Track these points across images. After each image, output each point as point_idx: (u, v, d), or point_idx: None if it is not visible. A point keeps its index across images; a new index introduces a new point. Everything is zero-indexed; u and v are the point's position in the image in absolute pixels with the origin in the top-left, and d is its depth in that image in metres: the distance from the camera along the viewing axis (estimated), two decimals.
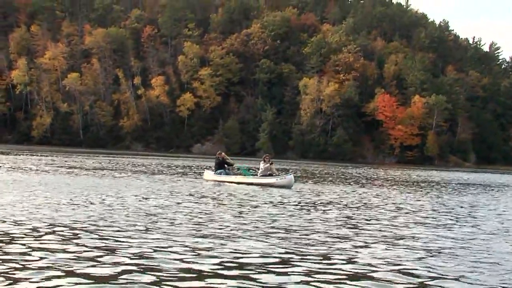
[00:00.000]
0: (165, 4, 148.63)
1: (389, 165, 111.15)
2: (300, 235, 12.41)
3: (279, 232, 12.60)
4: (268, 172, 30.07)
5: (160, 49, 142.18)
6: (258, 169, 31.41)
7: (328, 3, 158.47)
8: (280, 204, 18.80)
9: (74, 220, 12.87)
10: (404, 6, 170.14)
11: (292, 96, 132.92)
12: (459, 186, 40.83)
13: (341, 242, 11.78)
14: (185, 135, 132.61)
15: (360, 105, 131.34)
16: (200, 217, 14.51)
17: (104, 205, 15.95)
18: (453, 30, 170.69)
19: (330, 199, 22.11)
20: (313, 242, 11.59)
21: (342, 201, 21.21)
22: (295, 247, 10.85)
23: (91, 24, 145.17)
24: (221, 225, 13.25)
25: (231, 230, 12.63)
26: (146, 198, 18.53)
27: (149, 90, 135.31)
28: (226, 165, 32.10)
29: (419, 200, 24.19)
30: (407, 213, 18.30)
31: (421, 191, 31.89)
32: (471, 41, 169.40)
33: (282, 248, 10.69)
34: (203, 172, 34.53)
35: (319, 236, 12.32)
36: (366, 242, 11.89)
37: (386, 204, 20.95)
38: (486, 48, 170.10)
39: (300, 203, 19.70)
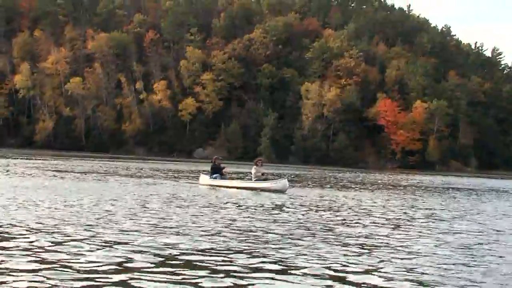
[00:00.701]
0: (167, 9, 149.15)
1: (390, 170, 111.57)
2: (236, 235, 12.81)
3: (226, 232, 13.15)
4: (263, 177, 30.40)
5: (162, 54, 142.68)
6: (251, 173, 31.71)
7: (330, 8, 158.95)
8: (246, 207, 19.46)
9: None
10: (406, 12, 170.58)
11: (294, 101, 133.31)
12: (442, 190, 41.16)
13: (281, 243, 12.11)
14: (187, 139, 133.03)
15: (361, 110, 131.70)
16: (151, 218, 15.07)
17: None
18: (455, 35, 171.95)
19: (309, 201, 22.54)
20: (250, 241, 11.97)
21: (320, 204, 21.54)
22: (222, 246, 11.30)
23: (94, 28, 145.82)
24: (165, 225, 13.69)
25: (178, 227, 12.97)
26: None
27: (151, 94, 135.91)
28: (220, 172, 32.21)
29: (387, 201, 24.54)
30: (368, 214, 18.89)
31: (396, 194, 32.60)
32: (473, 46, 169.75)
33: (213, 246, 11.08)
34: (198, 177, 34.62)
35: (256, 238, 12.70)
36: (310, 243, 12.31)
37: (354, 207, 21.57)
38: (488, 53, 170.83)
39: (264, 204, 20.27)
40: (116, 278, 8.54)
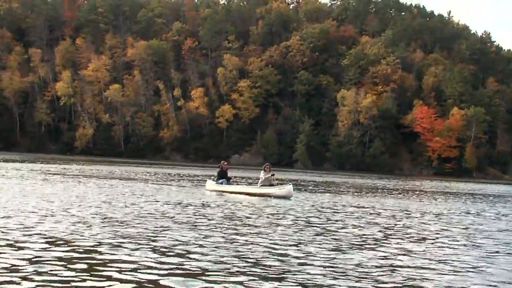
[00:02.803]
0: (206, 16, 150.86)
1: (426, 177, 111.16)
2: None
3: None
4: (268, 183, 30.02)
5: (200, 61, 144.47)
6: (258, 178, 31.39)
7: (368, 15, 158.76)
8: (234, 214, 19.08)
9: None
10: (446, 18, 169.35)
11: (330, 108, 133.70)
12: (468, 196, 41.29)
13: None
14: (224, 146, 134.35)
15: (398, 117, 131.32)
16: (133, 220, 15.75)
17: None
18: (495, 41, 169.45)
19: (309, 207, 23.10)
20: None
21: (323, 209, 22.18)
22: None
23: (133, 36, 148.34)
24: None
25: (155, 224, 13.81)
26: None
27: (189, 101, 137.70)
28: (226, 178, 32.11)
29: (381, 204, 25.00)
30: (346, 223, 19.06)
31: (397, 198, 32.62)
32: None
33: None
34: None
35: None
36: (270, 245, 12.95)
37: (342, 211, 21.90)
38: None
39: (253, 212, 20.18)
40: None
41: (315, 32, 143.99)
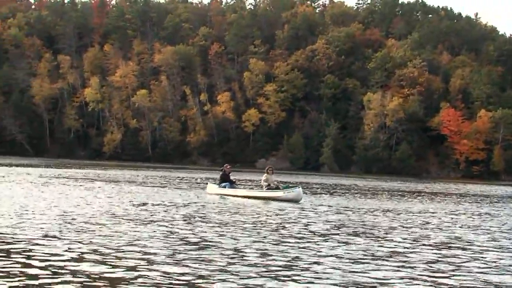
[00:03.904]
0: (232, 21, 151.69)
1: (455, 180, 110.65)
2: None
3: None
4: (275, 185, 29.70)
5: (226, 66, 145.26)
6: (260, 181, 31.08)
7: (394, 18, 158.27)
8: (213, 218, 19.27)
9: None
10: (474, 20, 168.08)
11: (356, 111, 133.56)
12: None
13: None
14: (250, 150, 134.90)
15: (424, 120, 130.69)
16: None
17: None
18: None
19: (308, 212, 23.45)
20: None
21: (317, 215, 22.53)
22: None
23: (160, 42, 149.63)
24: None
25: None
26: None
27: (215, 106, 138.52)
28: (229, 181, 31.66)
29: (376, 210, 25.22)
30: (338, 226, 19.22)
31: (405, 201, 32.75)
32: None
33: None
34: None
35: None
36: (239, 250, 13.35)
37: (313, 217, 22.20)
38: None
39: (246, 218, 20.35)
40: None
41: (341, 35, 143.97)
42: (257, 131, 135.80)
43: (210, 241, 13.71)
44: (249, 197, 29.26)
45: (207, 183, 35.11)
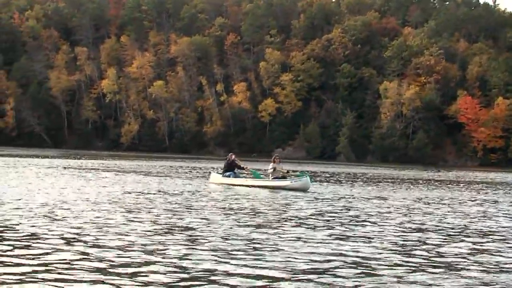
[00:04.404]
0: (248, 11, 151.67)
1: (472, 168, 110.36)
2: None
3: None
4: (281, 174, 29.47)
5: (242, 56, 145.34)
6: (267, 170, 30.67)
7: (411, 6, 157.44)
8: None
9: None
10: (492, 6, 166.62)
11: (373, 100, 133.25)
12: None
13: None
14: (267, 140, 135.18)
15: (441, 108, 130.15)
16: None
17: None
18: None
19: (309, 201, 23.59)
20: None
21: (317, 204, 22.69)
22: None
23: (176, 33, 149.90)
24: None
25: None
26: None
27: (232, 96, 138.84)
28: (236, 168, 31.28)
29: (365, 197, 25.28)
30: (327, 219, 19.36)
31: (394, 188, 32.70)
32: None
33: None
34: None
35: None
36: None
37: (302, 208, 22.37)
38: None
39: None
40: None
41: (357, 24, 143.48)
42: (273, 121, 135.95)
43: (179, 226, 14.16)
44: (254, 186, 28.83)
45: (209, 173, 34.65)
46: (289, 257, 10.97)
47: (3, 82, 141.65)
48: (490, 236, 15.37)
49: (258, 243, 12.26)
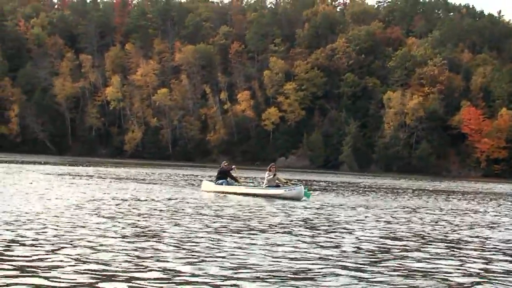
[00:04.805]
0: (252, 20, 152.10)
1: (475, 179, 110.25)
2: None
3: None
4: (276, 183, 29.00)
5: (246, 64, 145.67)
6: (264, 179, 30.27)
7: (415, 16, 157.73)
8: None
9: None
10: (496, 17, 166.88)
11: (376, 110, 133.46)
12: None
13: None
14: (270, 148, 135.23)
15: (445, 118, 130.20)
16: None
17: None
18: None
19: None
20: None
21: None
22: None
23: (181, 41, 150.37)
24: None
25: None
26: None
27: (235, 104, 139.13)
28: (229, 178, 30.35)
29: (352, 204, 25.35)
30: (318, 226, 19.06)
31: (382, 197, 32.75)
32: None
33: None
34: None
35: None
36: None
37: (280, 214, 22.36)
38: None
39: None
40: None
41: (361, 34, 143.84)
42: (277, 129, 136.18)
43: (150, 231, 14.00)
44: (247, 195, 28.17)
45: (201, 180, 33.74)
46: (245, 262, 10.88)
47: (8, 89, 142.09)
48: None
49: (216, 248, 12.07)
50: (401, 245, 13.80)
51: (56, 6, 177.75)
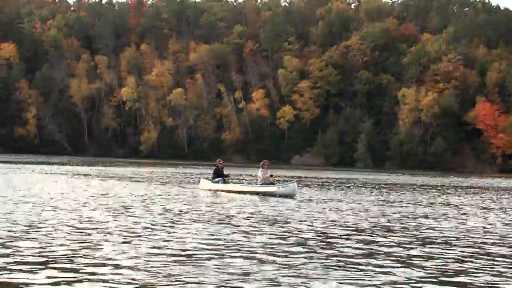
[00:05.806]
0: (266, 19, 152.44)
1: (491, 174, 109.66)
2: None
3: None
4: (269, 180, 29.51)
5: (261, 63, 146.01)
6: (256, 176, 30.93)
7: (430, 13, 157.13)
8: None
9: None
10: None
11: (391, 107, 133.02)
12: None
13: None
14: (285, 147, 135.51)
15: (460, 114, 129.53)
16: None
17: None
18: None
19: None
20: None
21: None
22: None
23: (196, 41, 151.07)
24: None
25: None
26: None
27: (250, 103, 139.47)
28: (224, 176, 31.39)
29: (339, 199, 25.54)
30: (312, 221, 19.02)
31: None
32: None
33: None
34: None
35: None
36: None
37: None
38: None
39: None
40: None
41: (375, 31, 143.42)
42: (291, 127, 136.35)
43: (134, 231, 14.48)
44: (242, 192, 29.01)
45: (199, 179, 34.36)
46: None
47: (25, 91, 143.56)
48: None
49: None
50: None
51: (72, 8, 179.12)
